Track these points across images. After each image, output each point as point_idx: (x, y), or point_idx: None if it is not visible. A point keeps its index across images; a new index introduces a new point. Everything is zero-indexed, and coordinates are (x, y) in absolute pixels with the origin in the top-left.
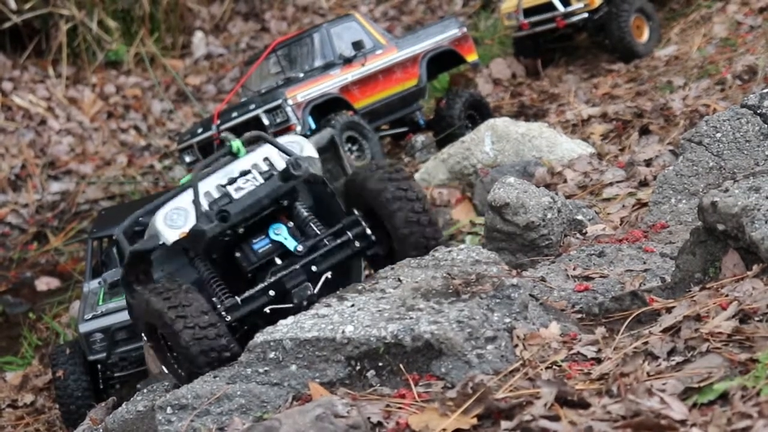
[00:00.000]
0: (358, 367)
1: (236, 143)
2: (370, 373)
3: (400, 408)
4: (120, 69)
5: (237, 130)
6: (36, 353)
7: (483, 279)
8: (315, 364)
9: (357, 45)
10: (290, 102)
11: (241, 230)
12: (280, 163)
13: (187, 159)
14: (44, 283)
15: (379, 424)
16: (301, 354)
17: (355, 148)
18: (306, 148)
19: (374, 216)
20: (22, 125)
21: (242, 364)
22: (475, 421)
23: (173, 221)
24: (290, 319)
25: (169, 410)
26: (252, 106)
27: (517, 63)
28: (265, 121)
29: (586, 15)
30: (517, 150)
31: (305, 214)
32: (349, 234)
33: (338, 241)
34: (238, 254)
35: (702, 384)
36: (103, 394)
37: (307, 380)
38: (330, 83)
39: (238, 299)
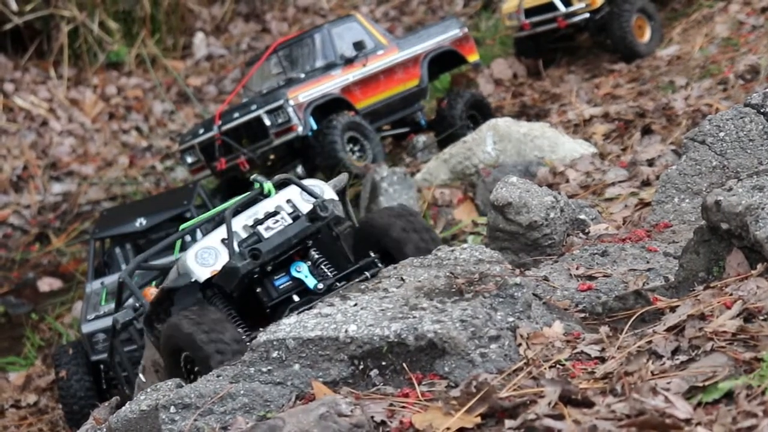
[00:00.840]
0: (361, 367)
1: (268, 185)
2: (374, 373)
3: (403, 407)
4: (121, 70)
5: (239, 131)
6: (39, 354)
7: (486, 278)
8: (318, 364)
9: (358, 45)
10: (292, 102)
11: (269, 268)
12: (303, 204)
13: (189, 160)
14: (46, 284)
15: (383, 423)
16: (305, 353)
17: (356, 148)
18: (326, 192)
19: (388, 258)
20: (24, 126)
21: (245, 364)
22: (478, 420)
23: (204, 260)
24: (293, 319)
25: (172, 409)
26: (253, 107)
27: (518, 63)
28: (267, 122)
29: (587, 15)
30: (519, 150)
31: (317, 255)
32: (367, 274)
33: (356, 280)
34: (259, 290)
35: (707, 383)
36: (106, 394)
37: (310, 379)
38: (331, 84)
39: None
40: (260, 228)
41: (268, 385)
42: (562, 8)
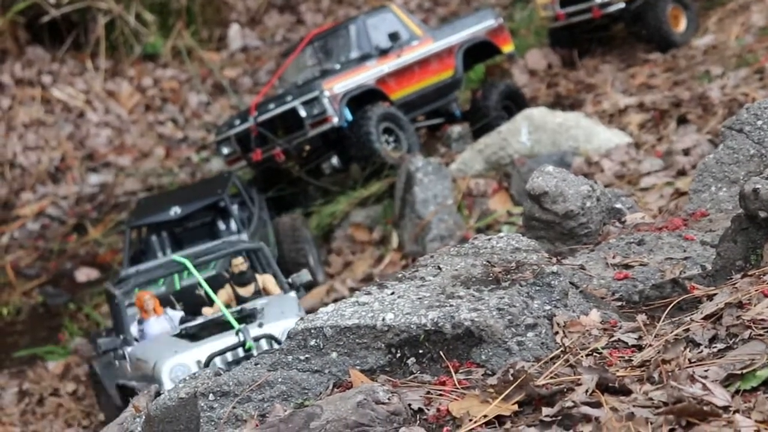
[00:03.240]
0: (398, 355)
1: (250, 343)
2: (411, 361)
3: (440, 395)
4: (157, 62)
5: (274, 122)
6: (74, 346)
7: (523, 266)
8: (355, 352)
9: (393, 36)
10: (327, 94)
11: None
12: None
13: (225, 151)
14: (84, 274)
15: (420, 410)
16: (342, 341)
17: (391, 139)
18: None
19: None
20: (61, 118)
21: (283, 352)
22: (515, 407)
23: (178, 377)
24: (330, 307)
25: (211, 397)
26: (289, 98)
27: (552, 53)
28: (302, 113)
29: (622, 5)
30: (554, 140)
31: None
32: None
33: None
34: None
35: (744, 371)
36: None
37: (347, 367)
38: (366, 75)
39: None
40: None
41: (306, 373)
42: None
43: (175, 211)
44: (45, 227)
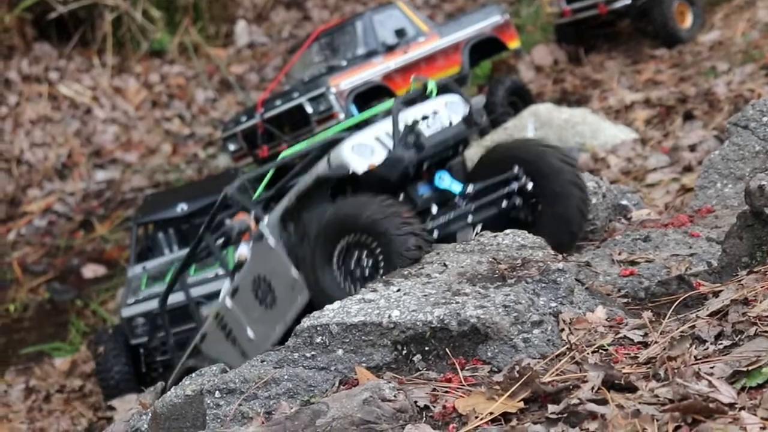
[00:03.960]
0: (404, 352)
1: (432, 85)
2: (417, 358)
3: (446, 392)
4: (164, 58)
5: (281, 119)
6: (83, 339)
7: (528, 263)
8: (361, 349)
9: (399, 33)
10: (333, 90)
11: (425, 166)
12: (453, 114)
13: (231, 147)
14: (90, 271)
15: (426, 407)
16: (348, 339)
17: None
18: (475, 102)
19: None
20: (68, 114)
21: (289, 349)
22: (521, 404)
23: (361, 153)
24: (336, 305)
25: (217, 394)
26: (295, 95)
27: (559, 49)
28: (309, 109)
29: (628, 1)
30: (560, 136)
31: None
32: (514, 186)
33: (505, 190)
34: (401, 196)
35: (750, 367)
36: (145, 378)
37: (353, 365)
38: (373, 71)
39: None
40: (421, 126)
41: (312, 370)
42: None
43: (182, 207)
44: (52, 224)
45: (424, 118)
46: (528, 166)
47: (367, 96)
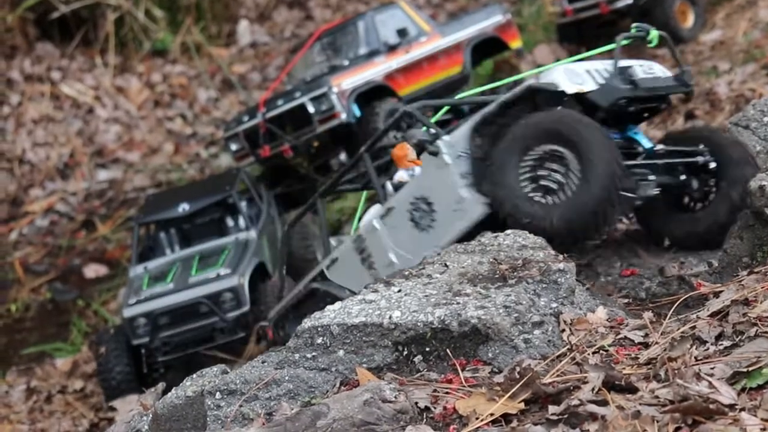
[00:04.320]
0: (405, 353)
1: (654, 33)
2: (417, 358)
3: (447, 393)
4: (166, 58)
5: (283, 118)
6: (85, 340)
7: (529, 264)
8: (362, 350)
9: (401, 32)
10: (335, 90)
11: (632, 108)
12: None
13: (233, 147)
14: (92, 271)
15: (427, 408)
16: (349, 339)
17: (400, 135)
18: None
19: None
20: (70, 114)
21: (290, 350)
22: (522, 405)
23: (572, 78)
24: (337, 305)
25: (218, 395)
26: (297, 94)
27: (561, 49)
28: (311, 109)
29: (630, 1)
30: None
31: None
32: (699, 159)
33: (689, 160)
34: None
35: (751, 368)
36: (147, 379)
37: (354, 365)
38: (374, 71)
39: None
40: (635, 69)
41: (313, 371)
42: None
43: (184, 207)
44: (54, 223)
45: (629, 67)
46: (715, 149)
47: (369, 96)
